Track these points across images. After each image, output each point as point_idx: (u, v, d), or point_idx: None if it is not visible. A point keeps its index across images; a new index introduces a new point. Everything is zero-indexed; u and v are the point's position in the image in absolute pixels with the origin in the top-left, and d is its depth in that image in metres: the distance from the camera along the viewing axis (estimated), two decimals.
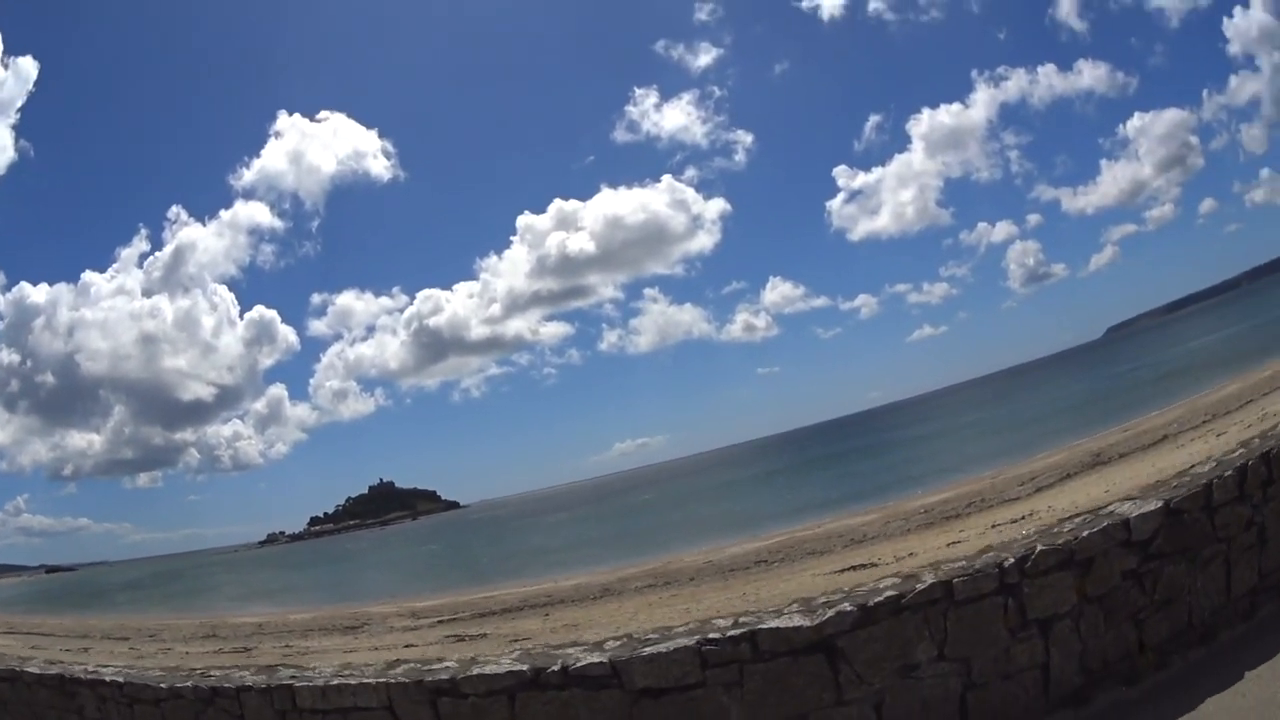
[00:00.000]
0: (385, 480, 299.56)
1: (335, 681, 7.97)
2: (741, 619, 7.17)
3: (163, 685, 9.26)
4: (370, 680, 7.79)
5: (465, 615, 27.66)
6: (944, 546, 19.13)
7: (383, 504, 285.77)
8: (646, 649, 7.05)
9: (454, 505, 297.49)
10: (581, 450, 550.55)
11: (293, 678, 8.32)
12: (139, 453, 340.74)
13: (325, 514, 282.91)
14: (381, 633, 25.87)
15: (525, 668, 7.23)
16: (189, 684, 9.04)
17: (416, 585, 50.93)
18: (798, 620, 6.96)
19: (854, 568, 20.05)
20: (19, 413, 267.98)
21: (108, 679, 9.96)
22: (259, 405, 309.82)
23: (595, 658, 7.13)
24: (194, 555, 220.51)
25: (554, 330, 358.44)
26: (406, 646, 20.31)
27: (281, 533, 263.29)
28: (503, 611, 27.37)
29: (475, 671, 7.42)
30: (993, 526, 20.40)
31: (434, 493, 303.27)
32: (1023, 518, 20.52)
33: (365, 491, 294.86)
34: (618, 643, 7.34)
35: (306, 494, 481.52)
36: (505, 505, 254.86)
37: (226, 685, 8.67)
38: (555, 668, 7.14)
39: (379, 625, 28.08)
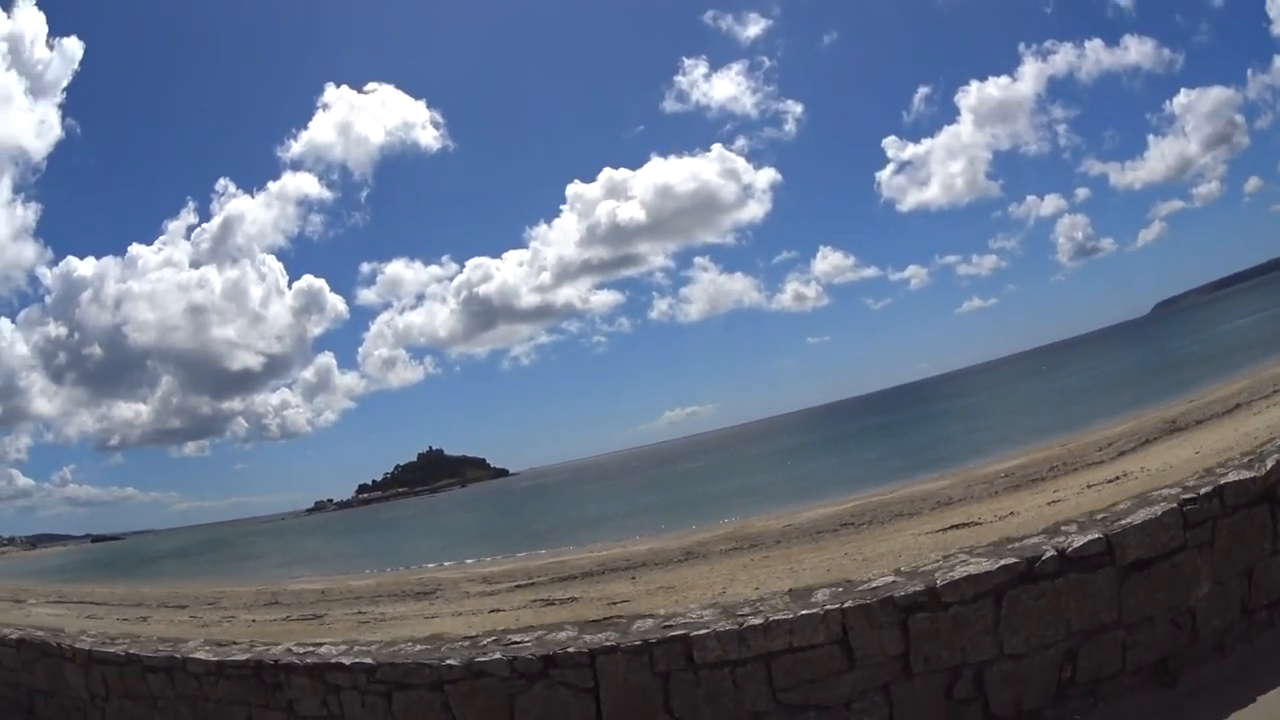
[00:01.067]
0: (434, 448, 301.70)
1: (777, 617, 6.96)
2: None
3: (451, 662, 7.61)
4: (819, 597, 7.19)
5: (543, 580, 26.18)
6: (1044, 505, 17.76)
7: (432, 471, 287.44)
8: (1132, 517, 7.15)
9: (503, 473, 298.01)
10: (631, 419, 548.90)
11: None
12: (186, 422, 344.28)
13: (374, 481, 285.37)
14: (457, 598, 24.40)
15: (1016, 560, 6.91)
16: (498, 656, 7.51)
17: (476, 550, 49.30)
18: (1245, 474, 7.45)
19: (956, 526, 18.84)
20: (66, 384, 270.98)
21: (344, 661, 8.20)
22: (307, 374, 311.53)
23: (1088, 535, 7.01)
24: (241, 523, 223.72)
25: (604, 299, 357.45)
26: (492, 612, 18.91)
27: (330, 500, 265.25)
28: (583, 575, 26.06)
29: (960, 574, 6.90)
30: (1088, 486, 19.12)
31: (483, 460, 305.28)
32: (1118, 478, 18.95)
33: (414, 459, 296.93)
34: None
35: (355, 462, 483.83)
36: (554, 473, 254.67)
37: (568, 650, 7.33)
38: (1049, 554, 6.90)
39: (451, 590, 26.72)
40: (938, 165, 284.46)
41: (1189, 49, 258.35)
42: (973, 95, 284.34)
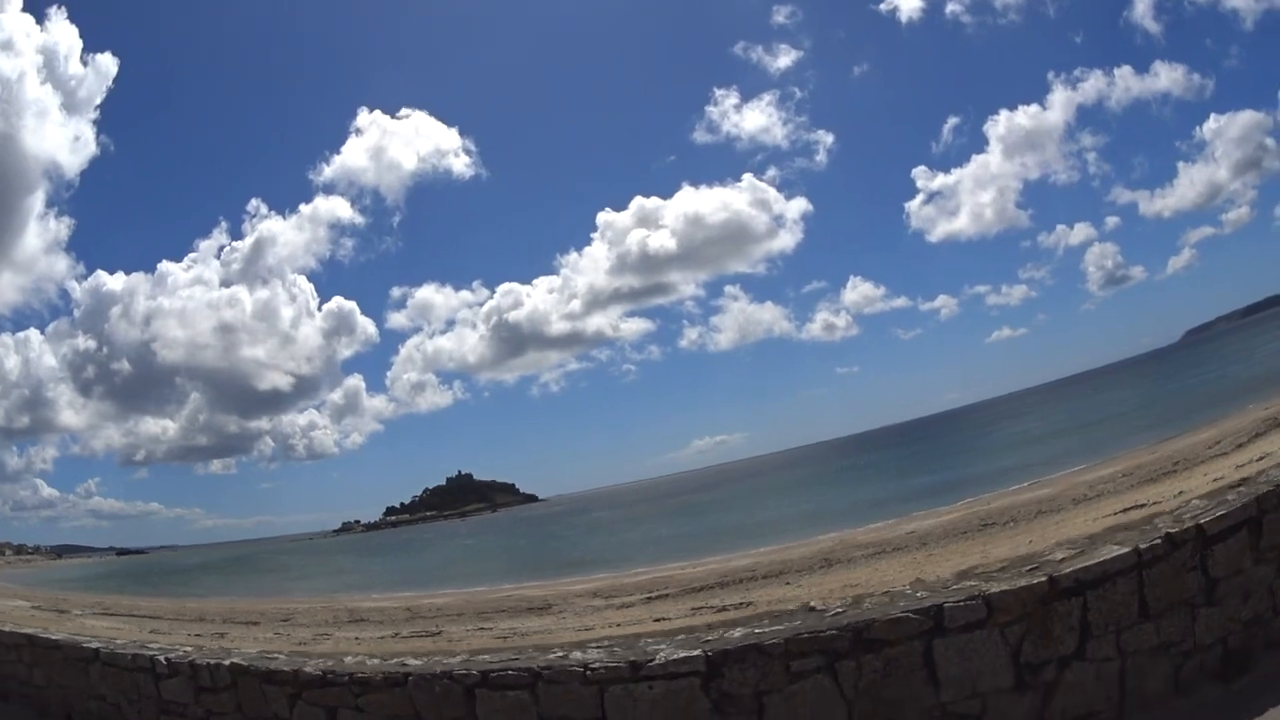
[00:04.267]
0: (463, 472, 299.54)
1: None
2: None
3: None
4: None
5: (673, 591, 24.34)
6: (1171, 497, 18.08)
7: (460, 495, 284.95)
8: None
9: (532, 498, 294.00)
10: (659, 447, 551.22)
11: None
12: (213, 440, 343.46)
13: (402, 504, 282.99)
14: (581, 612, 22.52)
15: None
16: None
17: (540, 571, 47.48)
18: None
19: (1122, 511, 19.04)
20: (94, 398, 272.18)
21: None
22: (336, 396, 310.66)
23: None
24: (266, 542, 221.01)
25: (635, 326, 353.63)
26: (657, 620, 17.28)
27: (357, 521, 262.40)
28: (718, 585, 24.36)
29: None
30: (1214, 481, 18.06)
31: (513, 485, 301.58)
32: (1251, 461, 19.50)
33: (443, 483, 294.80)
34: None
35: (382, 485, 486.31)
36: (584, 500, 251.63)
37: None
38: None
39: (567, 605, 24.66)
40: (967, 195, 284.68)
41: (1219, 74, 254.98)
42: (1002, 124, 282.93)
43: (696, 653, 6.99)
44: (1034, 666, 6.89)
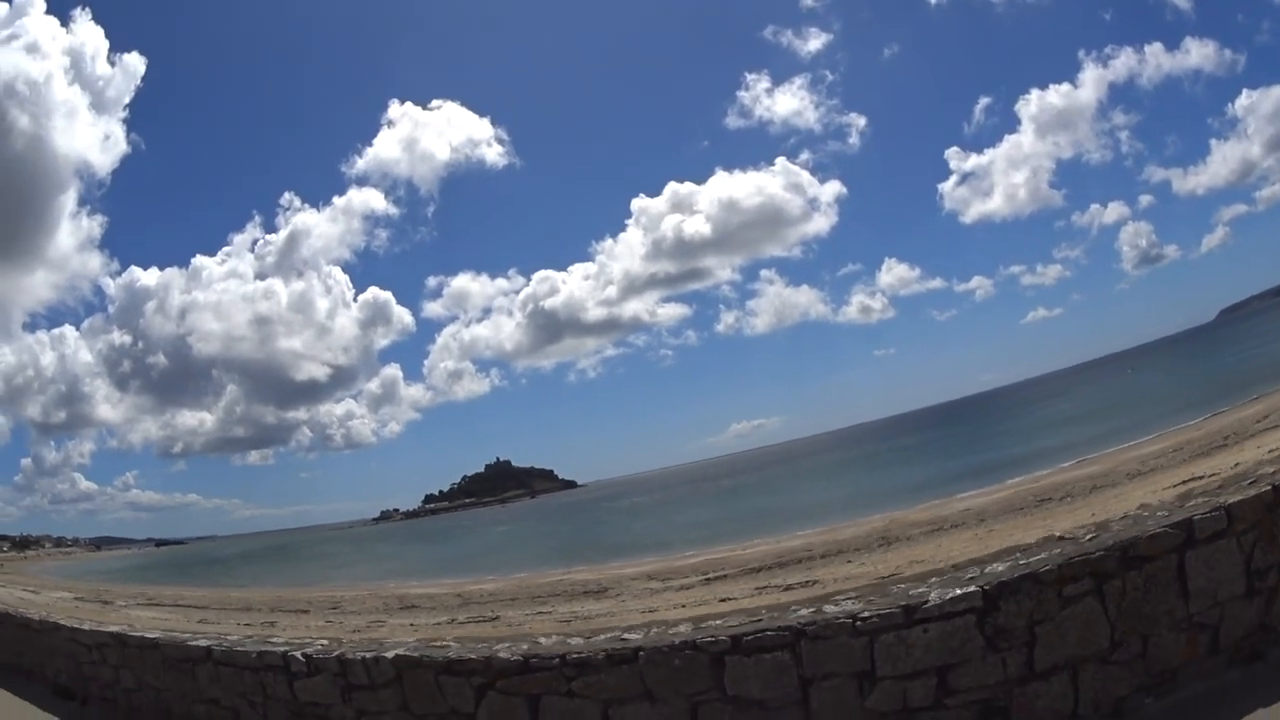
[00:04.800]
0: (501, 459, 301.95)
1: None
2: None
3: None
4: None
5: (733, 571, 23.93)
6: (1230, 468, 16.53)
7: (499, 482, 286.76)
8: None
9: (571, 484, 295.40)
10: (697, 431, 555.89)
11: None
12: (251, 431, 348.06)
13: (440, 492, 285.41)
14: (640, 594, 22.13)
15: None
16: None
17: (585, 555, 46.93)
18: None
19: (1184, 482, 18.54)
20: (130, 392, 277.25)
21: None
22: (373, 385, 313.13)
23: None
24: (306, 531, 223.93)
25: (671, 312, 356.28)
26: (722, 600, 16.95)
27: (396, 510, 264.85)
28: (776, 565, 23.85)
29: None
30: (1270, 452, 18.09)
31: (551, 472, 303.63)
32: None
33: (481, 470, 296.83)
34: None
35: (420, 473, 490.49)
36: (623, 485, 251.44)
37: None
38: None
39: (625, 588, 24.26)
40: (1000, 176, 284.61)
41: (1251, 49, 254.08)
42: (1033, 104, 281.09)
43: (973, 589, 6.82)
44: (1261, 572, 7.07)
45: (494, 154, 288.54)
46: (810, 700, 6.83)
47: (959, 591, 6.79)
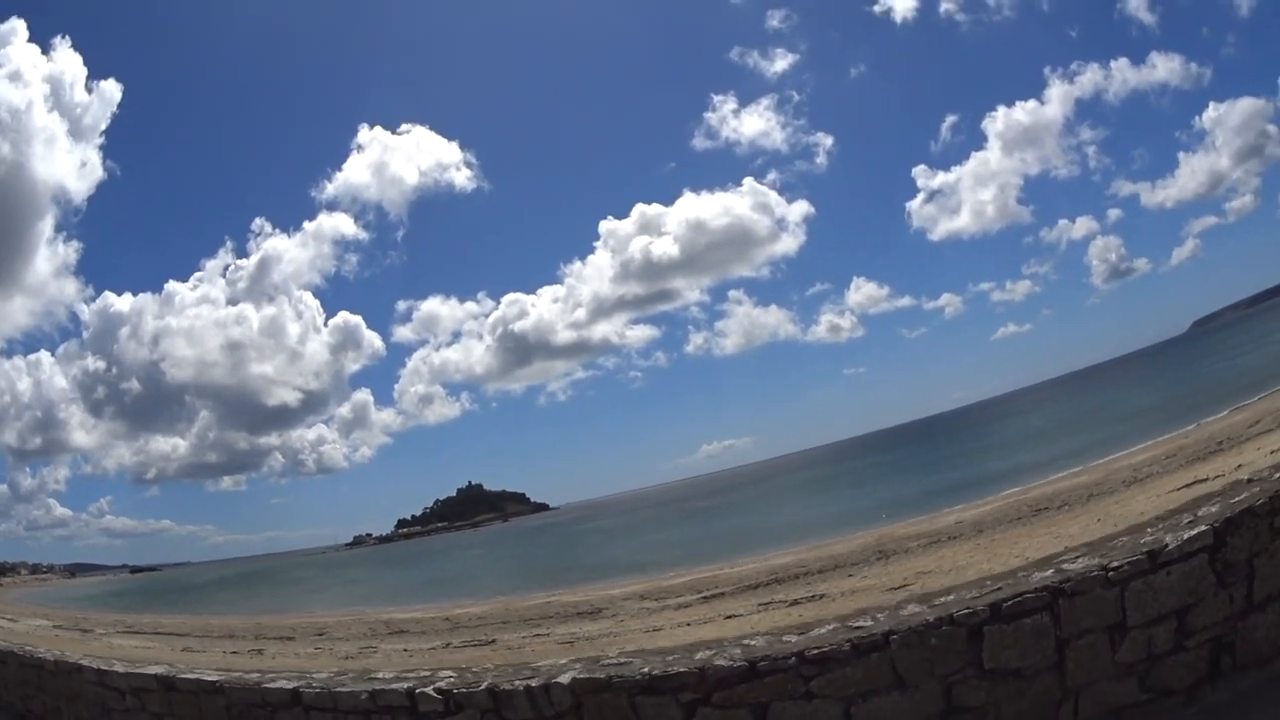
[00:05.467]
0: (473, 483, 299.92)
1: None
2: None
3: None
4: None
5: (729, 590, 23.69)
6: (1232, 470, 17.51)
7: (471, 506, 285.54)
8: None
9: (543, 507, 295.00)
10: (668, 453, 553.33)
11: None
12: (223, 457, 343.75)
13: (413, 516, 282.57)
14: (637, 614, 21.84)
15: None
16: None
17: (574, 576, 46.73)
18: None
19: (1189, 484, 18.63)
20: (104, 418, 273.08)
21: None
22: (344, 410, 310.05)
23: None
24: (279, 557, 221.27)
25: (640, 333, 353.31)
26: (728, 618, 16.70)
27: (369, 535, 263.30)
28: (772, 582, 23.65)
29: None
30: (1272, 453, 18.42)
31: (523, 495, 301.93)
32: None
33: (453, 494, 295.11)
34: None
35: (392, 497, 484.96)
36: (596, 507, 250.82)
37: None
38: None
39: (619, 608, 23.95)
40: (968, 193, 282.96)
41: (1217, 62, 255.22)
42: (1000, 121, 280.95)
43: (1204, 529, 7.13)
44: None
45: (462, 178, 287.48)
46: (1065, 662, 6.87)
47: (1193, 533, 7.14)
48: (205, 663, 13.57)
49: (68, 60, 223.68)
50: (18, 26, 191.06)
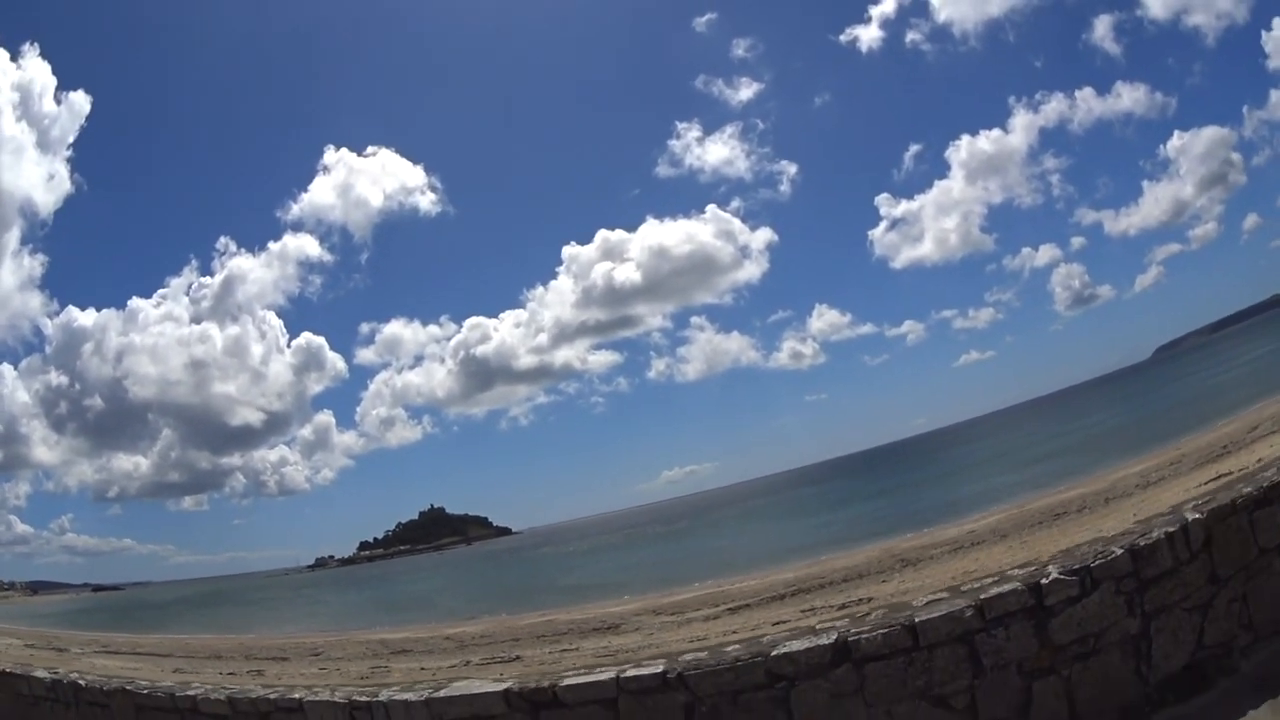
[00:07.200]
0: (436, 506, 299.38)
1: None
2: None
3: None
4: None
5: (753, 601, 22.96)
6: (1254, 464, 15.94)
7: (434, 530, 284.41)
8: None
9: (505, 531, 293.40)
10: (629, 478, 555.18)
11: None
12: (185, 476, 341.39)
13: (375, 539, 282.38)
14: (655, 629, 21.31)
15: None
16: None
17: (562, 596, 46.26)
18: None
19: (1210, 480, 17.33)
20: (67, 434, 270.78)
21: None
22: (306, 432, 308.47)
23: None
24: (241, 578, 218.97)
25: (602, 359, 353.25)
26: (775, 624, 16.18)
27: (331, 557, 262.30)
28: (794, 593, 22.81)
29: None
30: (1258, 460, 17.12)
31: (485, 519, 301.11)
32: None
33: (415, 517, 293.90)
34: None
35: (354, 520, 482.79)
36: (559, 531, 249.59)
37: None
38: None
39: (636, 622, 23.40)
40: (930, 221, 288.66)
41: (1182, 91, 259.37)
42: (963, 150, 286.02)
43: None
44: None
45: (427, 201, 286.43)
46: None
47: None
48: (206, 683, 13.03)
49: (37, 69, 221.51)
50: None
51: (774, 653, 7.23)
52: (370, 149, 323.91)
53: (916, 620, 7.28)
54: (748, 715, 7.12)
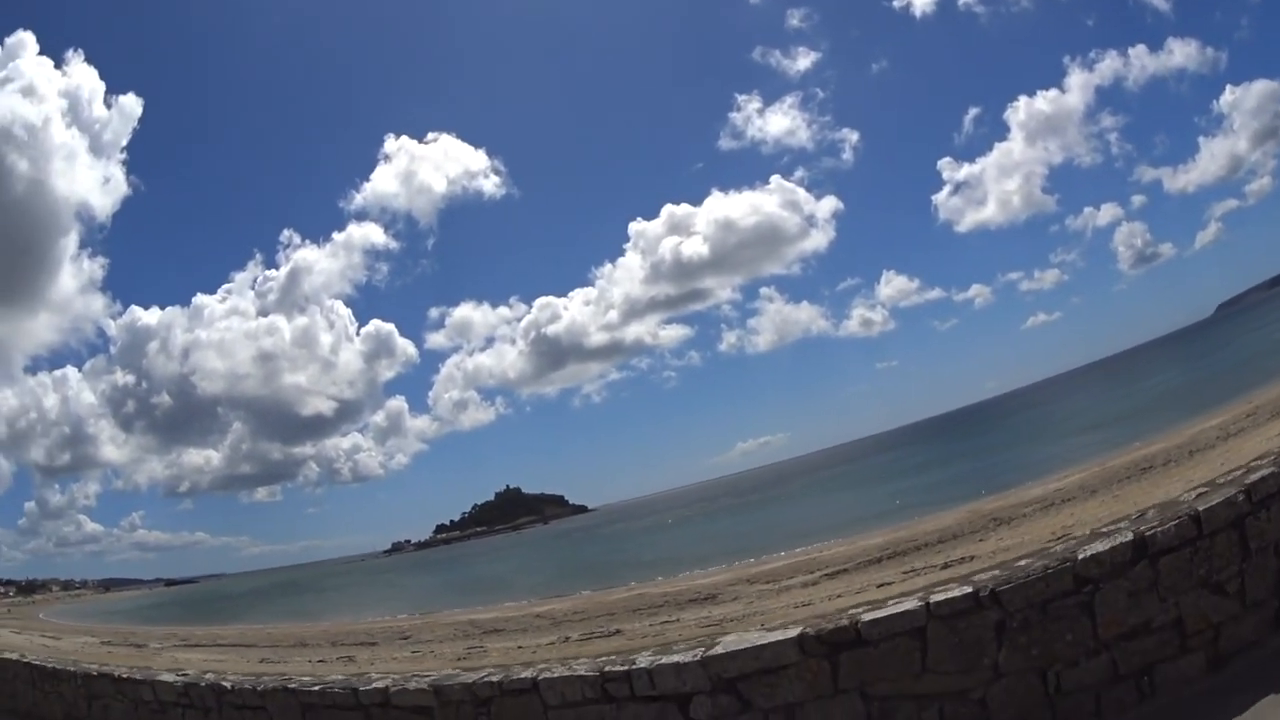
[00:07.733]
0: (511, 486, 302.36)
1: None
2: None
3: None
4: None
5: (850, 566, 22.61)
6: None
7: (510, 510, 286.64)
8: None
9: (582, 509, 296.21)
10: (703, 451, 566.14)
11: None
12: (257, 468, 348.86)
13: (451, 521, 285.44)
14: (756, 597, 20.96)
15: None
16: None
17: (650, 569, 45.49)
18: None
19: None
20: (135, 432, 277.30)
21: None
22: (378, 418, 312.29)
23: None
24: (317, 565, 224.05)
25: (673, 333, 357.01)
26: (880, 586, 15.92)
27: (407, 541, 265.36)
28: (890, 556, 22.69)
29: None
30: None
31: (561, 497, 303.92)
32: None
33: (491, 498, 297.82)
34: None
35: (430, 503, 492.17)
36: (636, 506, 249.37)
37: None
38: None
39: (735, 593, 23.11)
40: (992, 184, 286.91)
41: (1231, 46, 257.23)
42: (1021, 111, 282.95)
43: None
44: None
45: (490, 185, 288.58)
46: None
47: None
48: (296, 671, 12.74)
49: (83, 74, 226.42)
50: (26, 39, 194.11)
51: (1080, 556, 7.24)
52: (431, 135, 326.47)
53: (1199, 509, 7.49)
54: (1056, 624, 7.12)
